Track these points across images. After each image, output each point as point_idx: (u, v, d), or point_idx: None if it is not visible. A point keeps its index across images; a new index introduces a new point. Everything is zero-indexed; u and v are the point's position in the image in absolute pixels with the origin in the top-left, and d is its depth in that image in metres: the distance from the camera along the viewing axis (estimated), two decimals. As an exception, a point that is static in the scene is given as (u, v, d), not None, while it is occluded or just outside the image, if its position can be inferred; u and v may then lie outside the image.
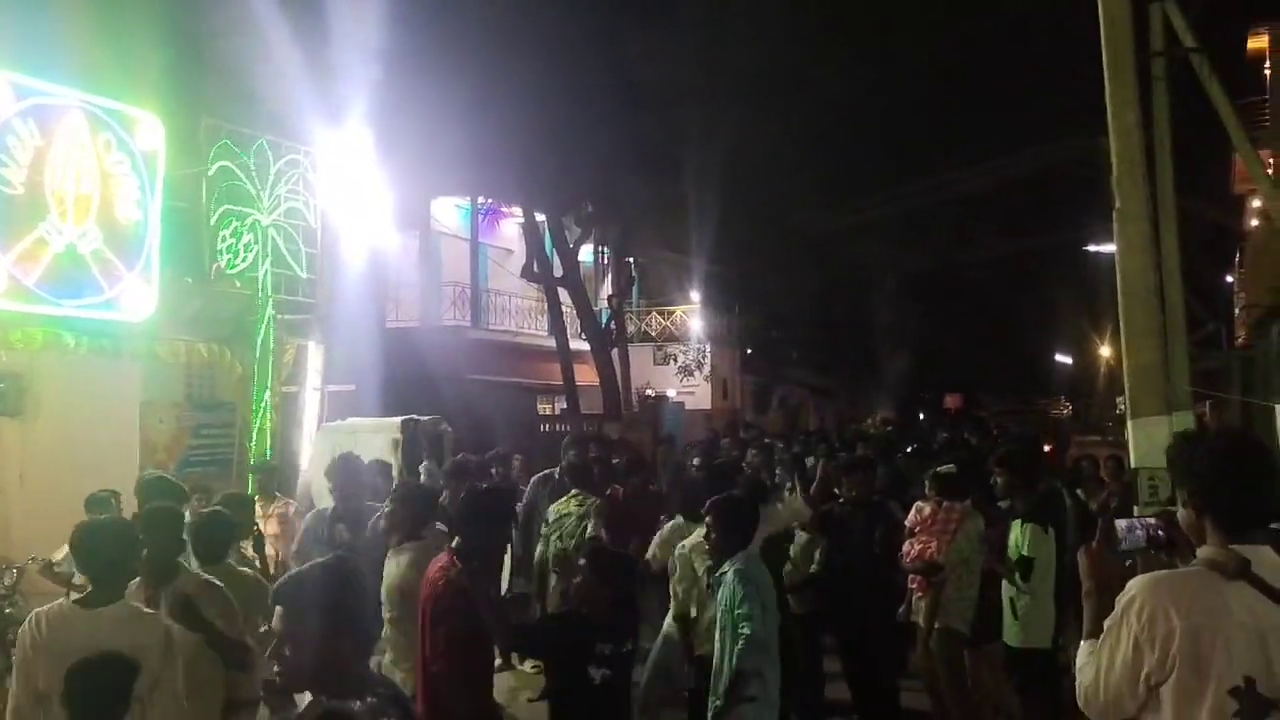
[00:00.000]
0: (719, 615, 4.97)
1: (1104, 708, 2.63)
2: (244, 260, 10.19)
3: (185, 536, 4.80)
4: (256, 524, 6.51)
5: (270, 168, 10.40)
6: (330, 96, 11.08)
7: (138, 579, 4.23)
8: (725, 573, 4.99)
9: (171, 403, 10.23)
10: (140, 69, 9.39)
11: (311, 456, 10.32)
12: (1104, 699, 2.61)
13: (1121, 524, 2.85)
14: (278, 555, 7.08)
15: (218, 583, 4.48)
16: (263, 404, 10.34)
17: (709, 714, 4.93)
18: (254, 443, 10.28)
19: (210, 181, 9.88)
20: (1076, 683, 2.73)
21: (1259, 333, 16.93)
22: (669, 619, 6.17)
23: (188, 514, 5.22)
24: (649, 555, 6.85)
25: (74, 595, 4.38)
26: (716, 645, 4.96)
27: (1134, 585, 2.60)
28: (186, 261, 9.90)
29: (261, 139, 10.35)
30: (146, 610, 3.87)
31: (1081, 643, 2.77)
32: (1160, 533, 2.80)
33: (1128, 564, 2.82)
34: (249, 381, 10.35)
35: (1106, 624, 2.62)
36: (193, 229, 9.89)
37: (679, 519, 6.85)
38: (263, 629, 4.60)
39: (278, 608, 2.62)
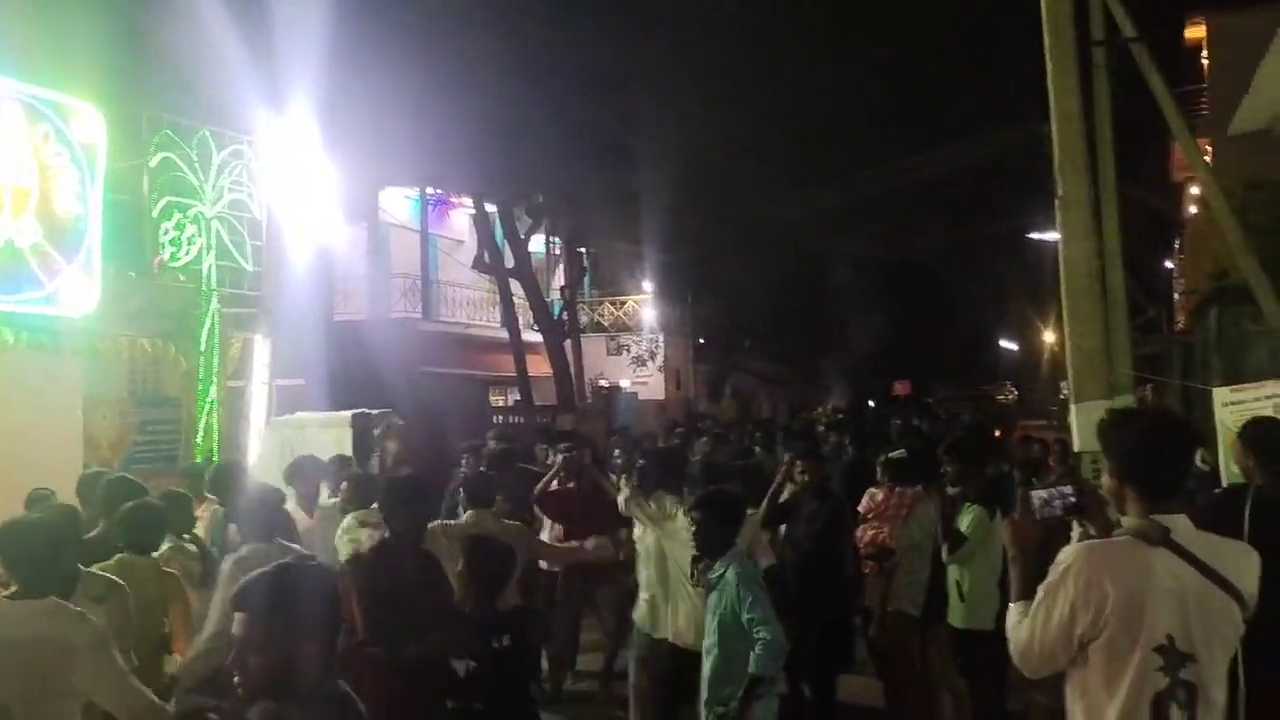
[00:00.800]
0: (718, 616, 4.89)
1: (1038, 663, 2.86)
2: (187, 253, 10.02)
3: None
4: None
5: (213, 159, 10.24)
6: (275, 86, 10.91)
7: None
8: (723, 573, 4.90)
9: (115, 399, 10.05)
10: (79, 59, 9.19)
11: (260, 452, 10.19)
12: (1038, 654, 2.84)
13: (1040, 495, 3.04)
14: None
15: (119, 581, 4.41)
16: (208, 399, 10.19)
17: (711, 716, 4.86)
18: (200, 439, 10.14)
19: (152, 173, 9.71)
20: (1010, 641, 2.94)
21: (1197, 318, 17.29)
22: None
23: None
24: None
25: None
26: (715, 648, 4.88)
27: (1070, 553, 2.82)
28: (129, 255, 9.72)
29: (204, 130, 10.18)
30: (73, 607, 3.76)
31: (1011, 604, 2.97)
32: (1073, 500, 3.01)
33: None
34: (194, 377, 10.20)
35: (1042, 588, 2.82)
36: (134, 222, 9.71)
37: None
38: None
39: (239, 613, 2.51)
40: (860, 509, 7.09)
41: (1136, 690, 2.71)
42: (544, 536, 7.79)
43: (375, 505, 5.59)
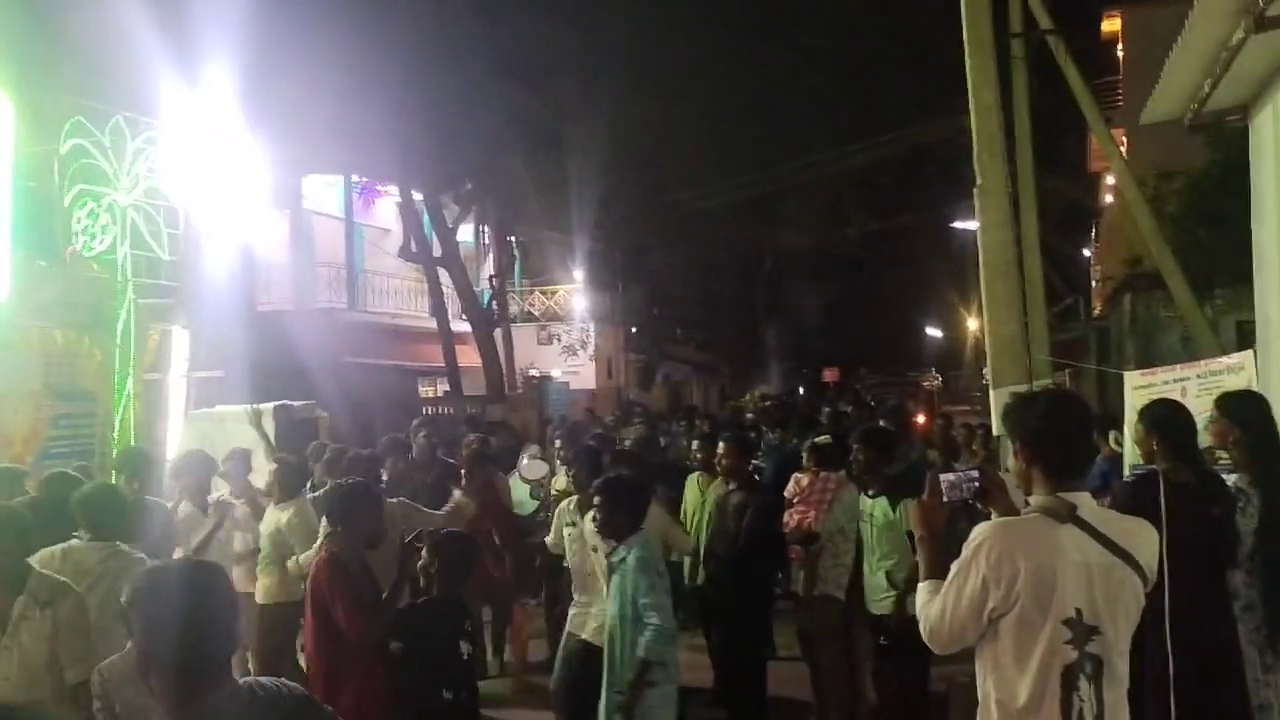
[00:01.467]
0: (618, 601, 4.88)
1: (948, 638, 2.93)
2: (101, 242, 9.73)
3: None
4: None
5: (127, 145, 9.94)
6: (192, 70, 10.63)
7: None
8: (624, 558, 4.89)
9: (28, 392, 9.72)
10: (-17, 42, 8.87)
11: (179, 446, 9.97)
12: (948, 630, 2.91)
13: (948, 478, 3.13)
14: None
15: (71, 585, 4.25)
16: (125, 393, 9.93)
17: (606, 704, 4.88)
18: (117, 433, 9.88)
19: (63, 160, 9.39)
20: (920, 619, 3.02)
21: (1113, 304, 17.77)
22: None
23: None
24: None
25: None
26: (615, 632, 4.88)
27: (982, 531, 2.89)
28: (40, 244, 9.41)
29: (117, 115, 9.88)
30: None
31: (920, 583, 3.07)
32: (976, 484, 3.11)
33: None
34: (110, 369, 9.92)
35: (955, 564, 2.90)
36: (45, 210, 9.40)
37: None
38: None
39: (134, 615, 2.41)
40: (786, 494, 7.16)
41: (1047, 664, 2.77)
42: None
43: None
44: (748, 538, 6.65)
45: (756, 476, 7.56)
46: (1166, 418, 4.74)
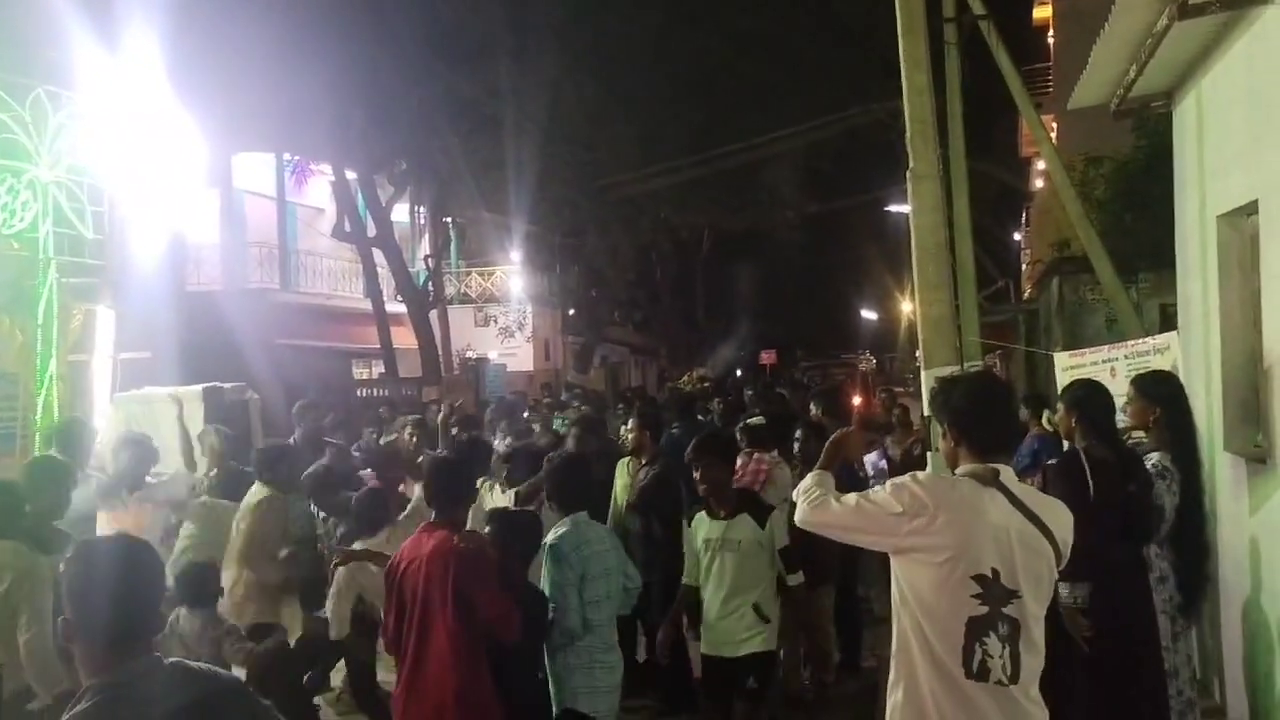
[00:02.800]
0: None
1: (820, 525, 3.15)
2: (21, 220, 9.43)
3: None
4: None
5: (49, 120, 9.63)
6: (118, 43, 10.34)
7: None
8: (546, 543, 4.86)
9: (-56, 374, 9.45)
10: (-107, 9, 8.54)
11: (104, 429, 9.73)
12: (830, 521, 3.12)
13: (871, 457, 3.37)
14: None
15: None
16: (48, 374, 9.66)
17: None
18: (40, 415, 9.61)
19: (-20, 134, 9.10)
20: (801, 494, 3.21)
21: (1041, 287, 18.11)
22: None
23: None
24: None
25: None
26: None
27: (913, 476, 3.05)
28: (-43, 221, 9.11)
29: (39, 89, 9.56)
30: None
31: (813, 471, 3.28)
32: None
33: None
34: (32, 350, 9.63)
35: (889, 484, 3.07)
36: (-38, 186, 9.10)
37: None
38: None
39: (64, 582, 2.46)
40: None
41: (953, 611, 2.90)
42: None
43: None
44: (639, 496, 6.73)
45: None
46: (1086, 397, 4.87)
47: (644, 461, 6.99)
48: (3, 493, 4.89)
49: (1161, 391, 5.07)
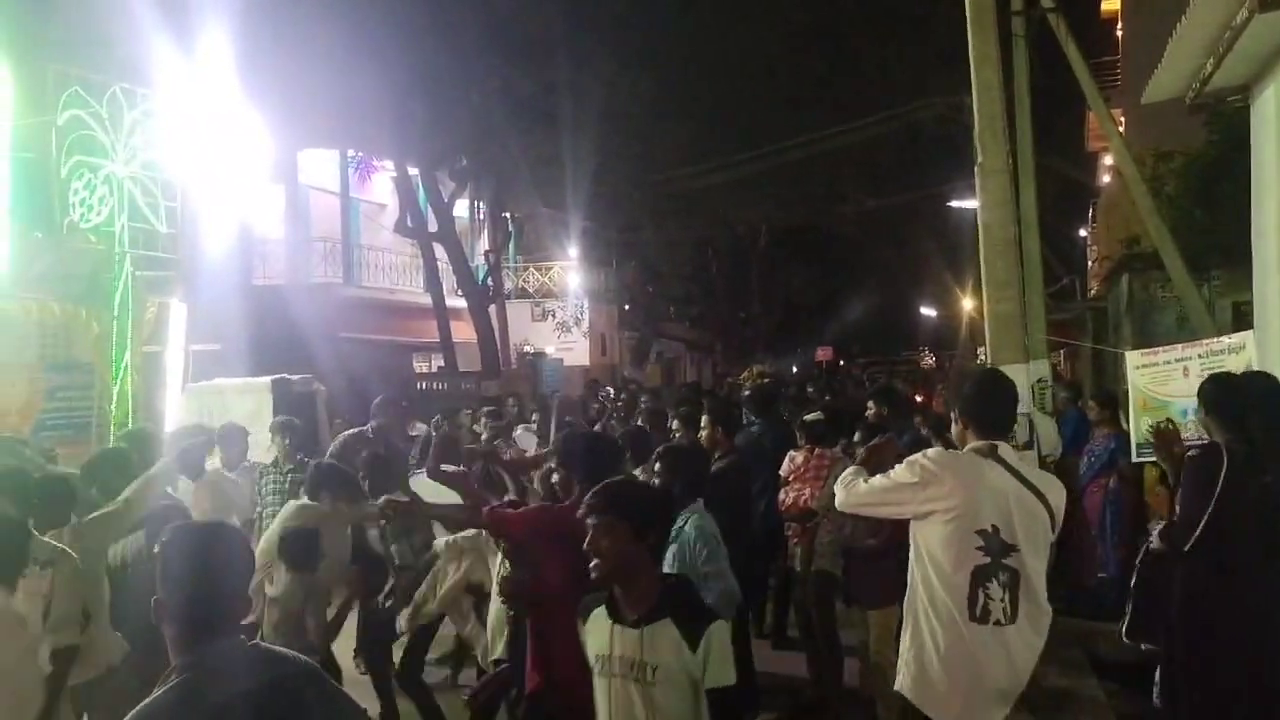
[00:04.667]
0: (675, 570, 4.77)
1: (855, 504, 3.87)
2: (98, 214, 9.71)
3: None
4: None
5: (124, 117, 9.90)
6: (190, 42, 10.58)
7: None
8: (681, 527, 4.84)
9: (23, 364, 9.70)
10: (-21, 12, 8.81)
11: (177, 419, 9.98)
12: (863, 500, 3.81)
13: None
14: None
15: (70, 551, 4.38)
16: (123, 365, 9.92)
17: None
18: (114, 405, 9.88)
19: (60, 131, 9.36)
20: (838, 484, 3.92)
21: (1110, 284, 17.79)
22: None
23: None
24: None
25: None
26: None
27: (925, 452, 3.73)
28: (36, 216, 9.38)
29: (115, 86, 9.83)
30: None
31: (856, 467, 3.97)
32: None
33: None
34: (107, 341, 9.90)
35: (904, 461, 3.70)
36: (42, 182, 9.36)
37: None
38: None
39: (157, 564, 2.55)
40: (781, 472, 7.21)
41: (960, 561, 3.52)
42: None
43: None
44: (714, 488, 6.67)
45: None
46: (1218, 390, 4.71)
47: (717, 456, 6.97)
48: (57, 483, 5.03)
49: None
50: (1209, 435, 4.78)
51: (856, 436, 7.09)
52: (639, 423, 8.82)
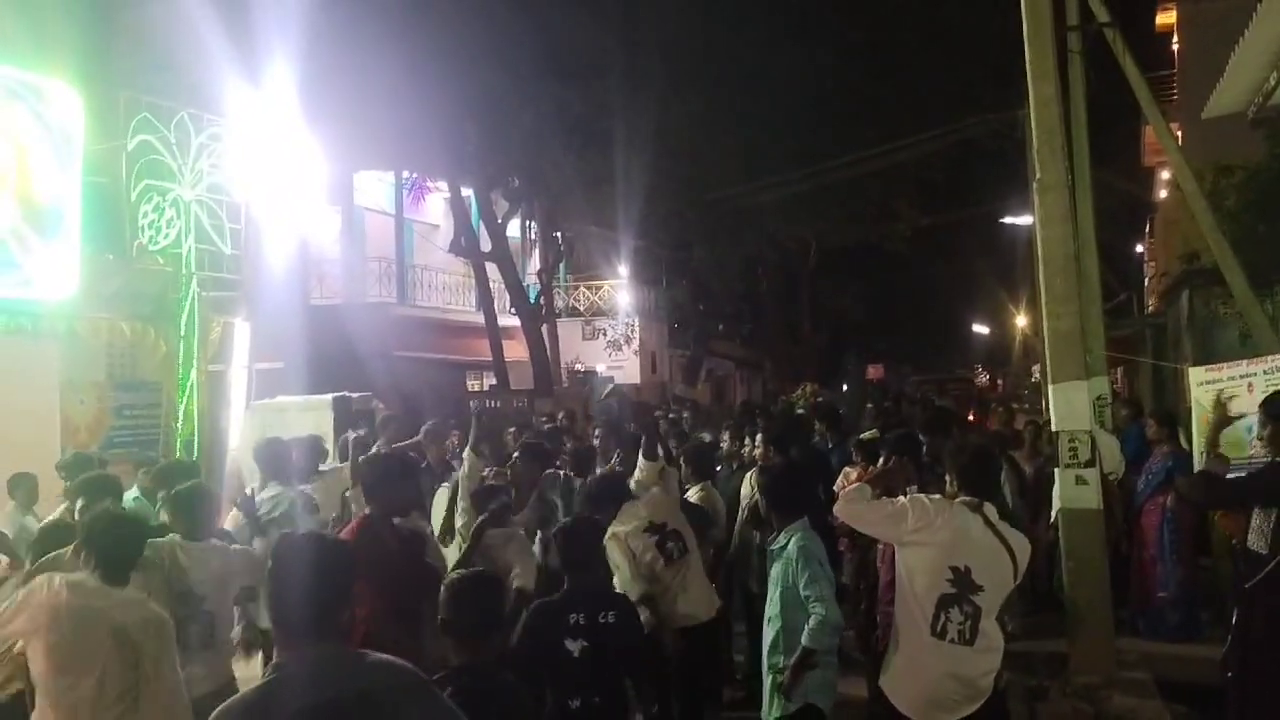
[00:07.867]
0: (780, 588, 4.97)
1: (851, 517, 4.50)
2: (166, 236, 9.97)
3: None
4: None
5: (191, 141, 10.16)
6: (253, 68, 10.85)
7: None
8: (785, 545, 4.97)
9: (92, 382, 9.97)
10: (55, 40, 9.12)
11: (241, 436, 10.18)
12: (860, 515, 4.41)
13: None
14: None
15: None
16: (188, 383, 10.15)
17: (770, 684, 4.98)
18: (180, 423, 10.11)
19: (130, 156, 9.63)
20: (842, 497, 4.55)
21: (1169, 300, 17.50)
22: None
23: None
24: None
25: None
26: (777, 618, 4.98)
27: (925, 496, 4.42)
28: (107, 238, 9.66)
29: (182, 112, 10.10)
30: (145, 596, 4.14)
31: (863, 485, 4.53)
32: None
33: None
34: (174, 360, 10.15)
35: (910, 498, 4.40)
36: (113, 204, 9.65)
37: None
38: None
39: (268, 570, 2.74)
40: (835, 489, 7.20)
41: (931, 586, 4.18)
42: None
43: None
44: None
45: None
46: None
47: None
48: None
49: None
50: (1274, 452, 4.73)
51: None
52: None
